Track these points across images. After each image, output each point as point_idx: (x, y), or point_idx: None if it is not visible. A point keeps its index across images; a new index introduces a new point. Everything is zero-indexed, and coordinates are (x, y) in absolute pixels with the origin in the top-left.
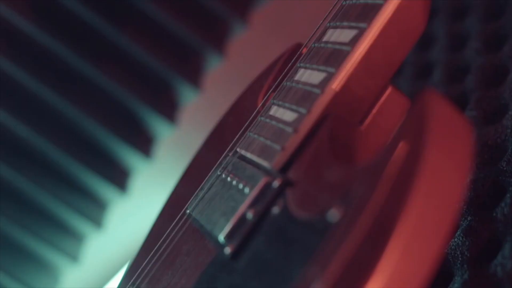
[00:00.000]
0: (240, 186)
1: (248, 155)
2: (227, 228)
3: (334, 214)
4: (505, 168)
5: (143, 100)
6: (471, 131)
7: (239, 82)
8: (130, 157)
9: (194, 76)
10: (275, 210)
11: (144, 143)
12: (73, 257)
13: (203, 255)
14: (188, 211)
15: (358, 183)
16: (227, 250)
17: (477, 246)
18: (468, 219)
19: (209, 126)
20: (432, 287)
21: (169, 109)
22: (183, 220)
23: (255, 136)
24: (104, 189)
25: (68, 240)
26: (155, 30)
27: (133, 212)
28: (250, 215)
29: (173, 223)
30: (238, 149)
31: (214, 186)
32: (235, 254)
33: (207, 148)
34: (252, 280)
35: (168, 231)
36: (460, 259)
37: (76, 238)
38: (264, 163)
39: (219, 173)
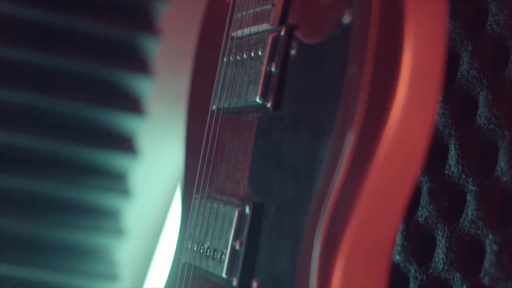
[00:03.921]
0: (252, 54)
1: (245, 31)
2: (259, 89)
3: (347, 17)
4: None
5: (113, 66)
6: None
7: (195, 15)
8: (126, 121)
9: (149, 26)
10: (293, 52)
11: (133, 104)
12: (118, 232)
13: (247, 129)
14: (213, 107)
15: None
16: (268, 105)
17: (486, 58)
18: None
19: (185, 64)
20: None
21: (140, 64)
22: (213, 119)
23: (243, 13)
24: (117, 160)
25: (106, 219)
26: (97, 2)
27: (153, 168)
28: (273, 68)
29: (205, 130)
30: (233, 34)
31: (228, 72)
32: (277, 104)
33: (201, 63)
34: (303, 111)
35: (204, 140)
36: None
37: (113, 214)
38: (263, 26)
39: (226, 60)
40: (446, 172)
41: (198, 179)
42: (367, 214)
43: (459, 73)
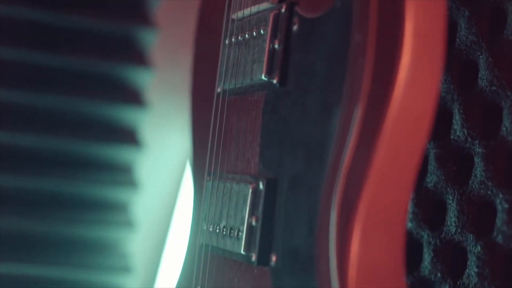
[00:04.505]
0: (254, 33)
1: (245, 12)
2: (264, 67)
3: None
4: None
5: (112, 60)
6: None
7: (191, 4)
8: (128, 114)
9: (145, 18)
10: (295, 27)
11: (134, 96)
12: (128, 224)
13: (253, 108)
14: (218, 90)
15: None
16: (274, 81)
17: (483, 22)
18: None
19: (184, 53)
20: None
21: (138, 56)
22: (219, 102)
23: None
24: (122, 153)
25: (115, 212)
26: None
27: (159, 159)
28: (276, 45)
29: (212, 113)
30: (233, 16)
31: (232, 53)
32: (282, 80)
33: (201, 47)
34: (310, 85)
35: (212, 122)
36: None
37: (121, 206)
38: (263, 5)
39: (227, 42)
40: (452, 137)
41: (208, 161)
42: (380, 179)
43: (457, 39)
